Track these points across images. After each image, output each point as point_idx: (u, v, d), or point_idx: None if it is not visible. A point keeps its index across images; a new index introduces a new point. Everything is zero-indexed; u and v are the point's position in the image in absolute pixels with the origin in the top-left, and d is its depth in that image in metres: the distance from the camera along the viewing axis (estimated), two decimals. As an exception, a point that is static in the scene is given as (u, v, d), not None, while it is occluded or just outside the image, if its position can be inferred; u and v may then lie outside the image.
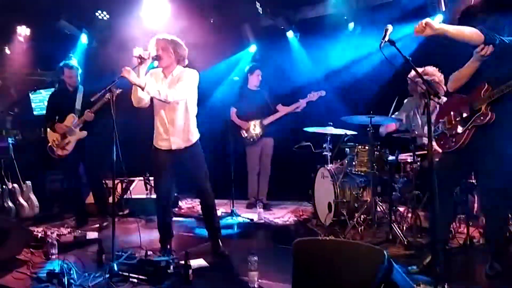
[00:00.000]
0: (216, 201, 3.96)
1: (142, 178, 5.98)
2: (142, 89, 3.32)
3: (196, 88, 3.70)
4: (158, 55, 3.50)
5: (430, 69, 4.11)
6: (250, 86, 5.87)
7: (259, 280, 3.02)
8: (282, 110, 5.75)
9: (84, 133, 5.01)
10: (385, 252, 2.11)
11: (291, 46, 6.27)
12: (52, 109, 5.19)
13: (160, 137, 3.68)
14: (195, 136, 3.73)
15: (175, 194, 6.03)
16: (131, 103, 3.55)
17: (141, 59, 3.30)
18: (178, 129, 3.62)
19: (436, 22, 2.79)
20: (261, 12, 5.94)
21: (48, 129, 5.09)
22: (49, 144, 5.07)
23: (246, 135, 5.84)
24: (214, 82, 6.04)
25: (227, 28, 6.33)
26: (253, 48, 6.54)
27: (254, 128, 5.82)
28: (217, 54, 6.28)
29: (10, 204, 5.43)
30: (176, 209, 5.92)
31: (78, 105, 5.04)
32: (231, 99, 5.95)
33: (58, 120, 5.07)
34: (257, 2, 5.85)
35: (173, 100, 3.47)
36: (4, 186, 5.30)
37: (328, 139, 4.87)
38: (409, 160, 4.21)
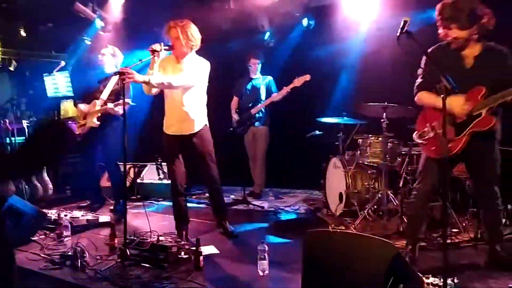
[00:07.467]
0: (228, 187, 3.99)
1: (154, 163, 6.02)
2: (147, 83, 3.49)
3: (205, 77, 3.79)
4: (170, 45, 3.61)
5: None
6: (251, 75, 5.73)
7: (269, 269, 3.04)
8: (269, 99, 5.45)
9: (97, 123, 4.89)
10: (396, 247, 2.10)
11: (306, 33, 6.17)
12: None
13: (168, 123, 3.84)
14: (201, 123, 3.84)
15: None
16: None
17: (154, 52, 3.49)
18: (184, 116, 3.75)
19: None
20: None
21: (79, 105, 5.01)
22: (73, 115, 5.00)
23: (235, 124, 5.68)
24: (229, 68, 6.00)
25: (243, 14, 6.26)
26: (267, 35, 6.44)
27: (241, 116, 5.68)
28: (232, 40, 6.24)
29: (25, 185, 5.52)
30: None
31: (105, 95, 4.79)
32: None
33: (84, 100, 4.99)
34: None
35: (178, 85, 3.57)
36: (18, 168, 5.35)
37: (341, 128, 4.83)
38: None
